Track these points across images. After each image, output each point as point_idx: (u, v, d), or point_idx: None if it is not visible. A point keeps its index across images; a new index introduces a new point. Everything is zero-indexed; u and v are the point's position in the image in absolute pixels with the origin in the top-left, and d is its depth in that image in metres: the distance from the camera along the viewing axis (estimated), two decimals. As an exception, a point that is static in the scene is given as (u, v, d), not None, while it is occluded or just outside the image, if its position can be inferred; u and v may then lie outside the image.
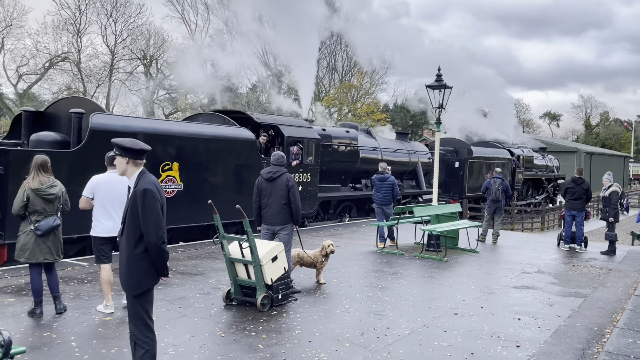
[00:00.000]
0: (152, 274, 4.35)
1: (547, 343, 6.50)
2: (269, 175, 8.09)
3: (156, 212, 4.24)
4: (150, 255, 4.29)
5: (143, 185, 4.27)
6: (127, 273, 4.31)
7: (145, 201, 4.21)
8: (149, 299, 4.46)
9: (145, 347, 4.34)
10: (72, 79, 44.33)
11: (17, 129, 11.95)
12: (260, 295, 7.06)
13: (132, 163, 4.39)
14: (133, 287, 4.31)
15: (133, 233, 4.27)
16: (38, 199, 6.40)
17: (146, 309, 4.40)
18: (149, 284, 4.37)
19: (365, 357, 5.70)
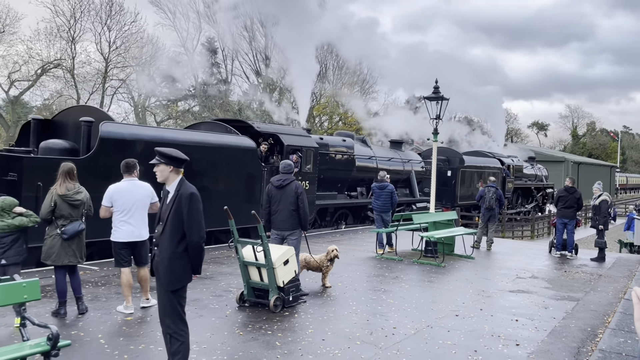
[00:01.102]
0: (189, 271, 4.72)
1: (544, 342, 6.90)
2: (279, 183, 8.47)
3: (200, 214, 4.62)
4: (189, 254, 4.64)
5: (189, 190, 4.65)
6: (168, 270, 4.66)
7: (191, 204, 4.59)
8: (184, 294, 4.82)
9: (181, 339, 4.69)
10: (64, 85, 44.41)
11: (26, 137, 12.23)
12: (273, 296, 7.42)
13: (174, 171, 4.77)
14: (173, 283, 4.67)
15: (176, 233, 4.63)
16: (65, 204, 6.72)
17: (181, 304, 4.76)
18: (186, 281, 4.74)
19: (376, 354, 6.08)
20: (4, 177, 9.82)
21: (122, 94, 46.82)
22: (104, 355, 5.55)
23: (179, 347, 4.69)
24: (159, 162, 4.78)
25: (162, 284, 4.75)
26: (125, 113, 49.67)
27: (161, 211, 4.83)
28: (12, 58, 43.06)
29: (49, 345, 4.47)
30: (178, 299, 4.75)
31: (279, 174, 8.83)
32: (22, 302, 4.73)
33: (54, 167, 9.96)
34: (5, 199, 6.72)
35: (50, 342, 4.47)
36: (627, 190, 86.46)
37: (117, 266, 7.21)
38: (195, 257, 4.70)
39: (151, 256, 4.95)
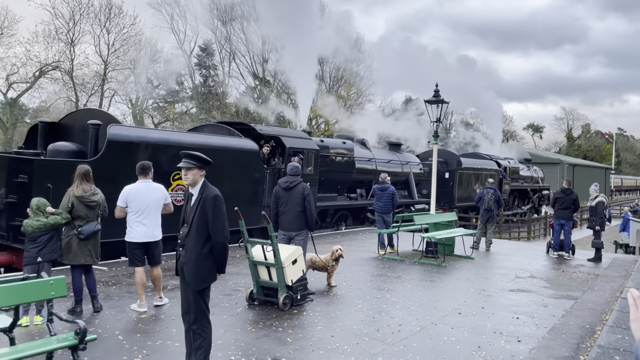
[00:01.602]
0: (214, 271, 4.93)
1: (545, 338, 7.15)
2: (287, 185, 8.70)
3: (224, 215, 4.84)
4: (214, 254, 4.86)
5: (213, 192, 4.87)
6: (195, 270, 4.87)
7: (216, 205, 4.81)
8: (208, 293, 5.03)
9: (204, 335, 4.91)
10: (62, 87, 44.50)
11: (33, 139, 12.42)
12: (282, 295, 7.65)
13: (203, 174, 4.98)
14: (199, 283, 4.88)
15: (201, 234, 4.85)
16: (81, 206, 6.94)
17: (206, 302, 4.97)
18: (211, 280, 4.96)
19: (384, 349, 6.31)
20: (14, 179, 10.01)
21: (120, 96, 46.99)
22: (124, 351, 5.76)
23: (201, 342, 4.91)
24: (193, 165, 4.97)
25: (188, 283, 4.94)
26: (123, 115, 49.76)
27: (185, 213, 5.04)
28: (10, 60, 43.11)
29: (77, 339, 4.68)
30: (203, 298, 4.96)
31: (285, 175, 9.05)
32: (50, 299, 4.94)
33: (63, 169, 10.23)
34: (40, 200, 6.92)
35: (78, 337, 4.68)
36: (622, 192, 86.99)
37: (131, 265, 7.41)
38: (220, 257, 4.91)
39: (176, 257, 5.16)
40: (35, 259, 6.71)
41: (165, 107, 55.80)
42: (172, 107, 56.04)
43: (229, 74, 58.23)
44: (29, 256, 6.74)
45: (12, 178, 10.04)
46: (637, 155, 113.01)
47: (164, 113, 55.49)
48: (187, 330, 5.02)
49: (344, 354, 6.08)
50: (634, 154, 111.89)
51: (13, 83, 44.23)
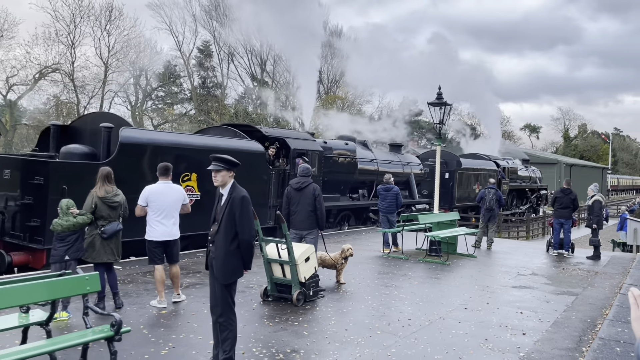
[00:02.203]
0: (241, 267, 5.23)
1: (548, 331, 7.47)
2: (298, 185, 9.01)
3: (251, 215, 5.14)
4: (241, 251, 5.16)
5: (241, 193, 5.17)
6: (223, 266, 5.17)
7: (243, 206, 5.11)
8: (235, 288, 5.33)
9: (230, 327, 5.21)
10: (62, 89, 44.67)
11: (45, 142, 12.70)
12: (295, 291, 7.95)
13: (232, 175, 5.28)
14: (227, 278, 5.19)
15: (229, 232, 5.15)
16: (104, 206, 7.22)
17: (232, 297, 5.27)
18: (238, 275, 5.26)
19: (396, 342, 6.62)
20: (30, 181, 10.28)
21: (120, 97, 47.23)
22: (150, 344, 6.05)
23: (227, 334, 5.21)
24: (222, 168, 5.27)
25: (216, 278, 5.24)
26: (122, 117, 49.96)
27: (216, 212, 5.34)
28: (10, 62, 43.27)
29: (113, 331, 4.97)
30: (230, 292, 5.26)
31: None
32: (85, 294, 5.23)
33: (77, 171, 10.54)
34: (69, 201, 7.19)
35: (114, 328, 4.97)
36: (619, 192, 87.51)
37: (150, 263, 7.70)
38: (247, 253, 5.21)
39: (206, 252, 5.45)
40: (63, 257, 6.99)
41: (164, 109, 56.07)
42: (170, 109, 56.31)
43: (228, 76, 58.46)
44: (56, 254, 7.03)
45: (28, 180, 10.31)
46: (633, 155, 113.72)
47: (162, 115, 55.76)
48: (215, 322, 5.31)
49: (359, 346, 6.38)
50: (630, 153, 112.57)
51: (13, 85, 44.47)
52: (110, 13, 42.67)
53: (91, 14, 41.65)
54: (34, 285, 5.03)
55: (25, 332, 5.50)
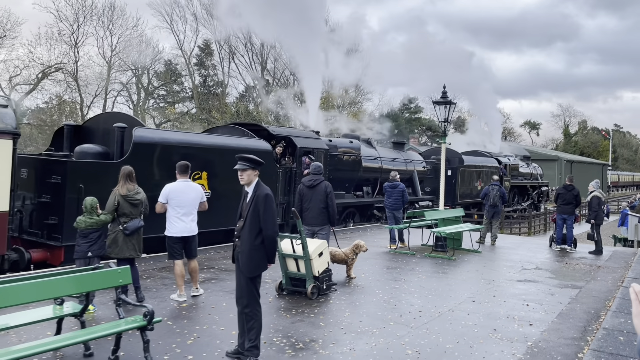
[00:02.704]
0: (265, 261, 5.52)
1: (554, 322, 7.76)
2: (310, 183, 9.29)
3: (274, 211, 5.43)
4: (264, 246, 5.44)
5: (265, 191, 5.46)
6: (248, 259, 5.46)
7: (267, 203, 5.40)
8: (260, 280, 5.61)
9: (255, 317, 5.50)
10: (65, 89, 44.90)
11: (58, 142, 12.96)
12: (309, 285, 8.24)
13: (256, 174, 5.57)
14: (252, 271, 5.48)
15: (254, 228, 5.44)
16: (126, 204, 7.50)
17: (257, 288, 5.56)
18: (262, 269, 5.54)
19: (409, 332, 6.91)
20: (48, 180, 10.55)
21: (123, 96, 47.47)
22: (176, 334, 6.34)
23: (253, 324, 5.50)
24: (247, 167, 5.56)
25: (242, 271, 5.52)
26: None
27: (242, 208, 5.63)
28: (13, 62, 43.49)
29: (146, 321, 5.26)
30: (255, 284, 5.55)
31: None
32: (118, 286, 5.52)
33: (93, 170, 10.82)
34: (93, 199, 7.46)
35: (146, 318, 5.26)
36: (619, 188, 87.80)
37: (170, 259, 7.98)
38: (270, 248, 5.50)
39: (232, 246, 5.74)
40: (86, 254, 7.28)
41: (166, 108, 56.30)
42: (172, 108, 56.53)
43: (229, 74, 58.64)
44: (80, 251, 7.31)
45: (46, 179, 10.58)
46: (633, 151, 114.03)
47: (164, 113, 55.99)
48: (240, 312, 5.60)
49: (374, 336, 6.67)
50: (630, 150, 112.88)
51: (16, 85, 44.72)
52: (112, 12, 42.97)
53: (94, 13, 41.91)
54: (69, 279, 5.31)
55: (59, 323, 5.80)
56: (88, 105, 43.04)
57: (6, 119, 9.25)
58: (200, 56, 55.90)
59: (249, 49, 57.23)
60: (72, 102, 43.73)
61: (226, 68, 58.48)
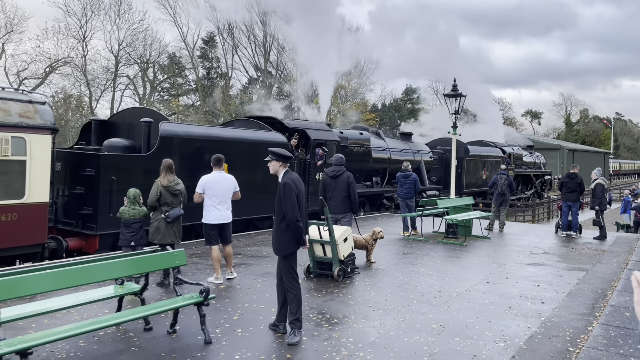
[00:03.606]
0: (292, 242, 6.15)
1: (564, 300, 8.36)
2: (333, 173, 9.88)
3: (292, 199, 6.05)
4: (290, 229, 6.05)
5: (284, 180, 6.14)
6: (276, 240, 6.16)
7: (285, 191, 6.05)
8: (294, 259, 6.24)
9: (294, 292, 6.11)
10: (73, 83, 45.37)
11: (85, 136, 13.53)
12: (336, 268, 8.85)
13: (282, 165, 6.18)
14: (280, 250, 6.17)
15: (279, 212, 6.13)
16: (168, 194, 8.10)
17: (292, 266, 6.19)
18: (291, 249, 6.17)
19: (431, 309, 7.52)
20: (82, 172, 11.15)
21: (129, 89, 47.95)
22: (222, 312, 6.96)
23: (293, 298, 6.11)
24: (272, 159, 6.22)
25: (274, 251, 6.17)
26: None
27: None
28: (21, 57, 43.96)
29: (202, 297, 5.87)
30: (289, 262, 6.19)
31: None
32: (175, 267, 6.13)
33: (123, 162, 11.41)
34: (136, 191, 8.07)
35: (203, 295, 5.87)
36: (621, 176, 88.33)
37: (207, 244, 8.58)
38: (295, 231, 6.12)
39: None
40: (129, 242, 7.89)
41: (170, 100, 56.79)
42: (176, 100, 57.02)
43: (232, 67, 59.03)
44: (124, 239, 7.92)
45: (80, 171, 11.17)
46: (634, 139, 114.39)
47: (169, 106, 56.49)
48: (280, 286, 6.23)
49: (400, 313, 7.28)
50: (631, 138, 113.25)
51: (24, 79, 45.22)
52: (119, 7, 43.40)
53: (101, 8, 42.35)
54: (131, 261, 5.92)
55: (120, 300, 6.41)
56: (97, 99, 43.55)
57: (45, 116, 9.82)
58: (204, 48, 56.27)
59: (251, 41, 57.54)
60: (79, 95, 44.24)
61: (230, 60, 58.86)
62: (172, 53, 53.86)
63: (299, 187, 6.26)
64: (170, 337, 6.05)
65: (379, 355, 5.72)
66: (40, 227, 9.73)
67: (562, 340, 6.48)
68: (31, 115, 9.50)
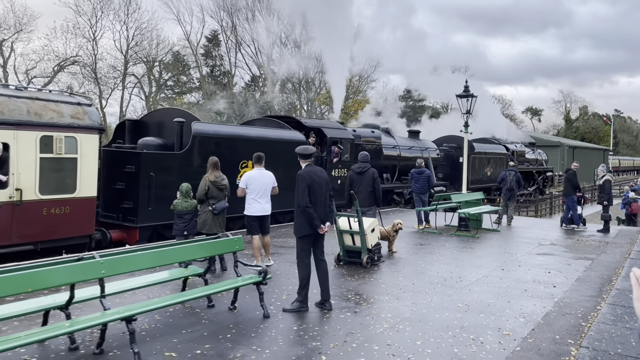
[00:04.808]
0: (306, 225, 7.04)
1: (574, 285, 9.20)
2: (359, 170, 10.71)
3: (302, 187, 7.00)
4: (304, 214, 6.94)
5: (299, 172, 7.04)
6: (294, 223, 7.14)
7: (298, 181, 7.05)
8: (306, 241, 7.13)
9: (302, 270, 7.10)
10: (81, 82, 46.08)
11: (119, 135, 14.33)
12: (364, 256, 9.68)
13: (303, 161, 7.11)
14: (296, 232, 7.14)
15: (296, 200, 7.03)
16: (214, 188, 8.93)
17: (303, 248, 7.13)
18: (305, 232, 7.07)
19: (455, 292, 8.35)
20: (122, 169, 11.96)
21: (139, 88, 48.73)
22: (270, 292, 7.77)
23: (301, 274, 7.09)
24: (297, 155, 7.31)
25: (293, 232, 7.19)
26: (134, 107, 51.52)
27: None
28: (29, 56, 44.65)
29: (261, 277, 6.71)
30: (302, 244, 7.14)
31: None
32: (235, 251, 6.96)
33: (160, 160, 12.22)
34: (188, 185, 8.90)
35: (261, 275, 6.71)
36: (620, 173, 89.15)
37: (248, 234, 9.39)
38: (306, 217, 7.02)
39: None
40: (183, 232, 8.73)
41: (174, 98, 57.55)
42: (180, 98, 57.78)
43: (235, 65, 59.71)
44: (177, 229, 8.77)
45: (121, 168, 11.98)
46: (633, 136, 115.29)
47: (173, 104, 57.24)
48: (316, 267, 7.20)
49: (428, 294, 8.12)
50: (630, 135, 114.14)
51: (33, 77, 45.97)
52: (128, 8, 44.17)
53: (111, 8, 43.12)
54: (197, 246, 6.76)
55: (185, 282, 7.25)
56: (107, 99, 44.33)
57: (93, 117, 10.64)
58: (208, 46, 56.92)
59: (254, 40, 58.22)
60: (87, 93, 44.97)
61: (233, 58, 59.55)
62: (177, 51, 54.58)
63: (314, 178, 7.12)
64: (231, 312, 6.89)
65: (417, 327, 6.56)
66: (88, 220, 10.55)
67: (575, 317, 7.33)
68: (81, 116, 10.31)
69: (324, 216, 7.27)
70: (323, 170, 7.55)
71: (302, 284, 7.11)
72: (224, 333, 6.13)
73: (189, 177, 11.90)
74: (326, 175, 7.50)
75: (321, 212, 7.16)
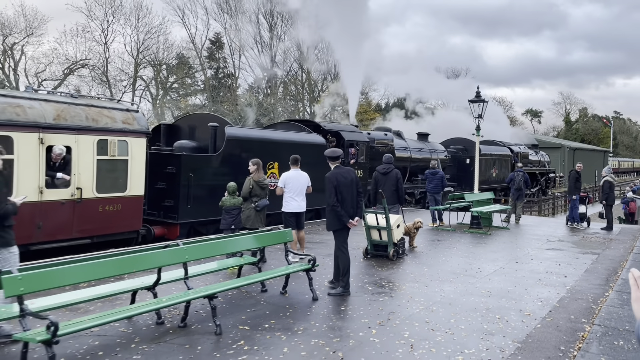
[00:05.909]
0: (335, 221, 7.94)
1: (583, 275, 10.14)
2: (384, 170, 11.66)
3: (329, 188, 7.89)
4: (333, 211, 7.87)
5: (327, 175, 7.96)
6: (327, 220, 8.06)
7: (325, 182, 7.93)
8: (341, 234, 8.02)
9: (343, 259, 7.98)
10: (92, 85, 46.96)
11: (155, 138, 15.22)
12: (391, 249, 10.62)
13: (331, 162, 8.02)
14: (328, 226, 8.06)
15: (326, 199, 7.92)
16: (258, 187, 9.86)
17: (339, 240, 8.03)
18: (335, 227, 7.98)
19: (477, 281, 9.29)
20: (164, 170, 12.88)
21: (149, 91, 49.64)
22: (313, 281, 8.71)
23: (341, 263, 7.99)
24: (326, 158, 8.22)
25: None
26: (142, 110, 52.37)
27: None
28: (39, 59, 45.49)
29: (310, 264, 7.64)
30: (337, 236, 8.05)
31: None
32: (285, 242, 7.91)
33: (197, 162, 13.13)
34: (235, 184, 9.82)
35: (310, 263, 7.65)
36: (620, 174, 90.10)
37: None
38: (334, 213, 7.91)
39: None
40: (230, 226, 9.66)
41: (179, 100, 58.41)
42: (184, 100, 58.64)
43: (239, 67, 60.49)
44: (225, 223, 9.70)
45: (162, 169, 12.91)
46: (633, 137, 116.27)
47: (178, 106, 58.11)
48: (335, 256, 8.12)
49: (452, 283, 9.06)
50: (630, 136, 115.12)
51: (43, 80, 46.89)
52: (138, 13, 45.12)
53: (122, 13, 44.06)
54: (250, 237, 7.70)
55: (239, 269, 8.18)
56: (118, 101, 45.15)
57: (141, 122, 11.58)
58: (212, 49, 57.65)
59: (257, 42, 59.00)
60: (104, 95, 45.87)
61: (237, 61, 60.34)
62: (181, 53, 55.43)
63: (339, 179, 8.01)
64: (283, 296, 7.83)
65: (448, 309, 7.50)
66: (137, 216, 11.49)
67: (586, 301, 8.27)
68: (131, 121, 11.25)
69: (353, 212, 8.16)
70: (350, 170, 8.42)
71: (344, 272, 8.03)
72: (283, 312, 7.07)
73: (223, 177, 12.87)
74: (353, 174, 8.36)
75: (349, 208, 8.06)
